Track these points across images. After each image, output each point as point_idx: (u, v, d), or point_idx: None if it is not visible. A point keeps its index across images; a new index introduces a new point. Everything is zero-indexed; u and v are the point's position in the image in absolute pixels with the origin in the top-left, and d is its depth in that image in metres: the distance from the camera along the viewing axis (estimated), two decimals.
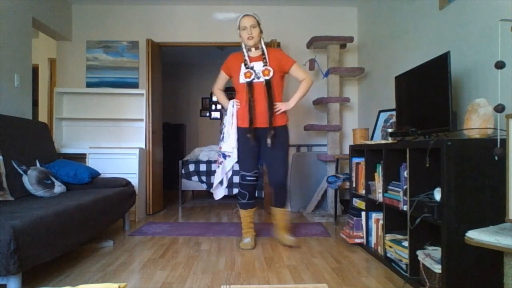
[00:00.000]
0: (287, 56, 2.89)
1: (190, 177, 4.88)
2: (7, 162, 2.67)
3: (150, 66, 4.28)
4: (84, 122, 4.49)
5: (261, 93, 2.78)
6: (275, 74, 2.82)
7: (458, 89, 2.46)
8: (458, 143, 1.75)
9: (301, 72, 2.87)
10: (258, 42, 2.83)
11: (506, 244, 1.26)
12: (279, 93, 2.86)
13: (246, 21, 2.76)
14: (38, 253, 1.85)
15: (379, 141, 2.76)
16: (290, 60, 2.86)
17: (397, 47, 3.44)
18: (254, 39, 2.77)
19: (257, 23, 2.79)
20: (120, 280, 2.14)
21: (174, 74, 7.71)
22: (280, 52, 2.93)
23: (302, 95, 2.87)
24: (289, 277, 2.19)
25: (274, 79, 2.81)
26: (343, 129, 4.62)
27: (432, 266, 1.84)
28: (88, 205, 2.47)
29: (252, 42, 2.78)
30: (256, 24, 2.78)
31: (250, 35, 2.76)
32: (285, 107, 2.83)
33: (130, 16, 4.55)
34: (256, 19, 2.79)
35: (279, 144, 2.84)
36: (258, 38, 2.81)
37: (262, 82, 2.78)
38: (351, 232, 2.91)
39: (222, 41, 4.60)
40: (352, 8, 4.63)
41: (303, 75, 2.86)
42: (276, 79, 2.83)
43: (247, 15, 2.78)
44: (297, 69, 2.87)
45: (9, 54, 3.31)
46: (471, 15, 2.34)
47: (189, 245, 2.91)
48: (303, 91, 2.86)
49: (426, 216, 1.91)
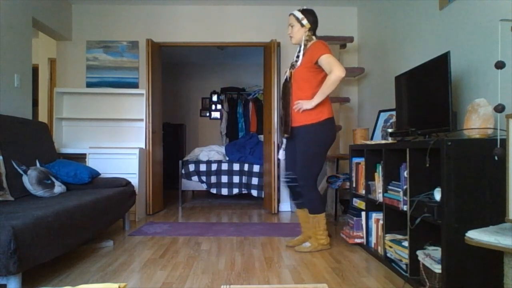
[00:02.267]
0: (320, 48, 2.61)
1: (190, 177, 4.88)
2: (7, 162, 2.67)
3: (150, 66, 4.28)
4: (84, 122, 4.49)
5: (289, 91, 2.75)
6: (302, 67, 2.67)
7: (458, 89, 2.46)
8: (458, 143, 1.75)
9: (327, 65, 2.57)
10: (300, 40, 2.74)
11: (506, 244, 1.26)
12: (305, 88, 2.67)
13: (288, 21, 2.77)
14: (38, 253, 1.85)
15: (379, 141, 2.76)
16: (321, 51, 2.59)
17: (397, 47, 3.44)
18: (293, 38, 2.77)
19: (295, 20, 2.72)
20: (120, 280, 2.14)
21: (174, 74, 7.71)
22: (318, 44, 2.66)
23: (324, 91, 2.57)
24: (289, 277, 2.19)
25: (299, 73, 2.68)
26: (343, 129, 4.62)
27: (432, 266, 1.84)
28: (88, 205, 2.47)
29: (292, 41, 2.79)
30: (294, 21, 2.73)
31: (289, 34, 2.79)
32: (306, 104, 2.61)
33: (130, 16, 4.55)
34: (295, 17, 2.73)
35: (300, 145, 2.72)
36: (298, 35, 2.74)
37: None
38: (351, 232, 2.91)
39: (222, 41, 4.60)
40: (352, 8, 4.63)
41: (329, 67, 2.55)
42: (302, 73, 2.67)
43: (290, 14, 2.78)
44: (324, 62, 2.57)
45: (9, 54, 3.31)
46: (471, 15, 2.34)
47: (189, 245, 2.91)
48: (323, 86, 2.57)
49: (426, 216, 1.91)
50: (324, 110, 2.67)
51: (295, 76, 2.72)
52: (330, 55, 2.57)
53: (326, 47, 2.62)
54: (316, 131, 2.67)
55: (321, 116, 2.66)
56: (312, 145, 2.68)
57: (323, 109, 2.67)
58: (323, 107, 2.67)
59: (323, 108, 2.67)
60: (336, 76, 2.51)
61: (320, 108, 2.65)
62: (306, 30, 2.72)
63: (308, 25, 2.71)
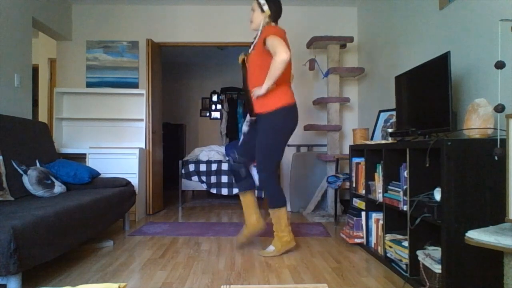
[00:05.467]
0: (268, 31, 2.48)
1: (190, 177, 4.88)
2: (7, 162, 2.67)
3: (150, 66, 4.28)
4: (84, 122, 4.49)
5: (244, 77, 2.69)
6: (255, 52, 2.58)
7: (458, 89, 2.46)
8: (458, 143, 1.75)
9: (271, 47, 2.41)
10: (259, 26, 2.64)
11: (506, 244, 1.26)
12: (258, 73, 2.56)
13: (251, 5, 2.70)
14: (38, 253, 1.85)
15: (379, 141, 2.76)
16: (268, 33, 2.46)
17: (397, 47, 3.44)
18: (252, 23, 2.69)
19: (257, 5, 2.64)
20: (120, 280, 2.14)
21: (174, 74, 7.71)
22: (268, 27, 2.55)
23: (271, 76, 2.41)
24: (289, 277, 2.19)
25: (251, 57, 2.61)
26: (343, 129, 4.62)
27: (432, 266, 1.84)
28: (88, 205, 2.47)
29: (252, 26, 2.70)
30: (256, 7, 2.65)
31: (250, 19, 2.72)
32: (258, 91, 2.51)
33: (130, 16, 4.55)
34: (257, 2, 2.64)
35: (259, 135, 2.63)
36: (257, 21, 2.65)
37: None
38: (351, 232, 2.91)
39: (222, 41, 4.60)
40: (352, 8, 4.63)
41: (273, 50, 2.40)
42: (254, 57, 2.59)
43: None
44: (269, 44, 2.42)
45: (9, 54, 3.31)
46: (471, 15, 2.34)
47: (189, 245, 2.91)
48: (270, 70, 2.41)
49: (426, 216, 1.91)
50: (281, 97, 2.57)
51: (249, 62, 2.66)
52: (275, 36, 2.42)
53: (274, 29, 2.49)
54: (273, 120, 2.57)
55: (277, 103, 2.56)
56: (271, 134, 2.59)
57: (280, 96, 2.57)
58: (281, 94, 2.57)
59: (280, 95, 2.57)
60: (279, 59, 2.35)
61: (277, 95, 2.56)
62: (266, 16, 2.62)
63: (268, 12, 2.61)
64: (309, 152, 4.61)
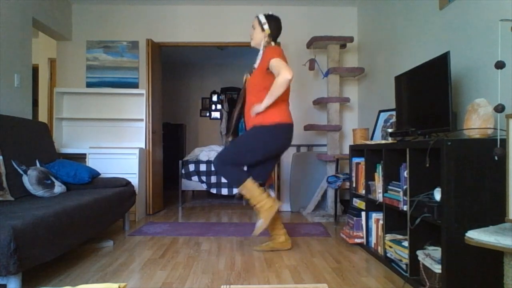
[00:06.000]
0: (271, 53, 2.54)
1: (190, 177, 4.88)
2: (7, 162, 2.67)
3: (150, 66, 4.28)
4: (84, 122, 4.49)
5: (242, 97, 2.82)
6: (257, 72, 2.65)
7: (458, 89, 2.46)
8: (458, 143, 1.75)
9: (275, 68, 2.47)
10: (259, 44, 2.74)
11: (506, 244, 1.26)
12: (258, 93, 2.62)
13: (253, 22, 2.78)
14: (38, 253, 1.85)
15: (379, 141, 2.76)
16: (271, 55, 2.52)
17: (397, 47, 3.44)
18: (252, 40, 2.78)
19: (257, 23, 2.73)
20: (120, 280, 2.14)
21: (174, 74, 7.71)
22: (270, 49, 2.60)
23: (272, 93, 2.48)
24: (289, 277, 2.19)
25: (254, 78, 2.68)
26: (343, 129, 4.62)
27: (432, 266, 1.84)
28: (88, 205, 2.47)
29: (251, 43, 2.80)
30: (256, 24, 2.73)
31: (250, 35, 2.79)
32: (257, 107, 2.57)
33: (130, 16, 4.55)
34: (258, 20, 2.73)
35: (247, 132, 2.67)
36: (257, 39, 2.73)
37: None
38: (351, 232, 2.91)
39: (222, 41, 4.60)
40: (352, 8, 4.63)
41: (277, 70, 2.46)
42: (257, 78, 2.66)
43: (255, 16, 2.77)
44: (273, 65, 2.49)
45: (9, 54, 3.31)
46: (471, 15, 2.34)
47: (189, 245, 2.91)
48: (272, 88, 2.48)
49: (426, 216, 1.91)
50: (281, 113, 2.60)
51: (250, 81, 2.72)
52: (279, 59, 2.49)
53: (277, 51, 2.55)
54: (265, 132, 2.59)
55: (275, 119, 2.58)
56: (256, 140, 2.60)
57: (280, 112, 2.60)
58: (280, 111, 2.60)
59: (279, 111, 2.60)
60: (283, 78, 2.41)
61: (276, 111, 2.58)
62: (266, 35, 2.70)
63: (268, 31, 2.69)
64: (309, 152, 4.61)
